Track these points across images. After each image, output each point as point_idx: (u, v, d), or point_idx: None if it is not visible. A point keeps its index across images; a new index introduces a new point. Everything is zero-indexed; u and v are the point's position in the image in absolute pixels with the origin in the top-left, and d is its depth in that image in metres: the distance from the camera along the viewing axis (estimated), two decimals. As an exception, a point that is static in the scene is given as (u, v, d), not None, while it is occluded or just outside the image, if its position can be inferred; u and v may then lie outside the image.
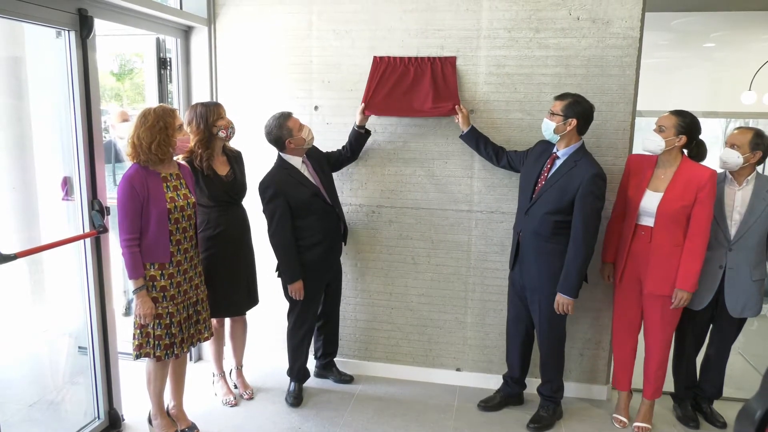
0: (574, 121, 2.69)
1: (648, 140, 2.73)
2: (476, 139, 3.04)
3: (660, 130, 2.70)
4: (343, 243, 3.24)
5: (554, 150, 2.81)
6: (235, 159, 3.05)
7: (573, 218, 2.69)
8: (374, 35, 3.19)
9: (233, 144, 3.11)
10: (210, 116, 2.85)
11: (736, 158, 2.72)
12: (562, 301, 2.76)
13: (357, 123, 3.13)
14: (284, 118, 2.91)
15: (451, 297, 3.38)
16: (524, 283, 2.91)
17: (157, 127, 2.46)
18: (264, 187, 2.92)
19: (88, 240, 2.66)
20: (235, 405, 3.17)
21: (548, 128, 2.75)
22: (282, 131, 2.90)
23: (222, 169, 2.96)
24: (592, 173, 2.64)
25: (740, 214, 2.77)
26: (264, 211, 2.95)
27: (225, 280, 2.97)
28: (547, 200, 2.74)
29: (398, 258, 3.40)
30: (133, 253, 2.48)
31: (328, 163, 3.16)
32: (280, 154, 2.99)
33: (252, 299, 3.18)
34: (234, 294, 3.02)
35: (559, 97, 2.76)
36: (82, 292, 2.72)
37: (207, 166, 2.87)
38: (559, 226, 2.74)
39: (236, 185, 3.00)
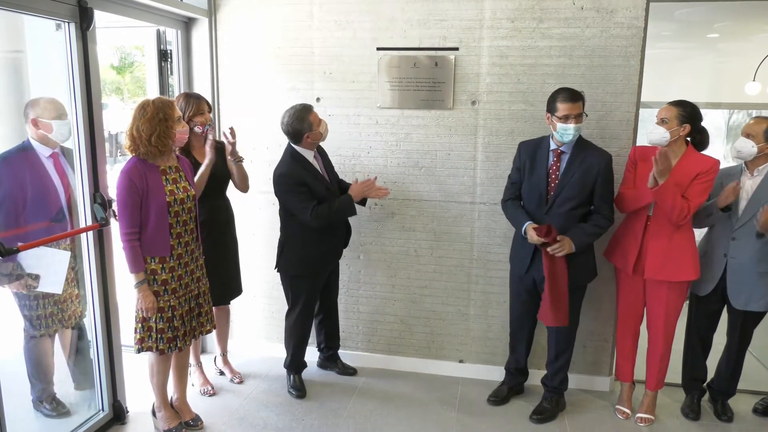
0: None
1: (652, 133, 2.71)
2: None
3: (662, 122, 2.69)
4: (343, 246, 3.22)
5: (553, 146, 2.78)
6: (219, 151, 3.02)
7: (596, 202, 2.75)
8: (376, 26, 3.17)
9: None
10: (188, 110, 2.85)
11: (750, 147, 2.70)
12: (567, 243, 2.68)
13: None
14: (306, 111, 2.86)
15: (453, 289, 3.38)
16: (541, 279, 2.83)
17: (156, 119, 2.44)
18: (284, 178, 2.86)
19: (90, 233, 2.65)
20: (213, 394, 3.18)
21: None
22: (303, 125, 2.84)
23: (204, 159, 2.94)
24: (607, 159, 2.75)
25: (746, 203, 2.76)
26: (287, 202, 2.90)
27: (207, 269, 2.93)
28: (570, 196, 2.73)
29: (401, 250, 3.39)
30: (134, 247, 2.47)
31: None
32: (292, 145, 2.93)
33: (235, 289, 3.20)
34: (215, 283, 2.99)
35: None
36: (85, 285, 2.72)
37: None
38: (583, 218, 2.78)
39: (217, 176, 2.97)
